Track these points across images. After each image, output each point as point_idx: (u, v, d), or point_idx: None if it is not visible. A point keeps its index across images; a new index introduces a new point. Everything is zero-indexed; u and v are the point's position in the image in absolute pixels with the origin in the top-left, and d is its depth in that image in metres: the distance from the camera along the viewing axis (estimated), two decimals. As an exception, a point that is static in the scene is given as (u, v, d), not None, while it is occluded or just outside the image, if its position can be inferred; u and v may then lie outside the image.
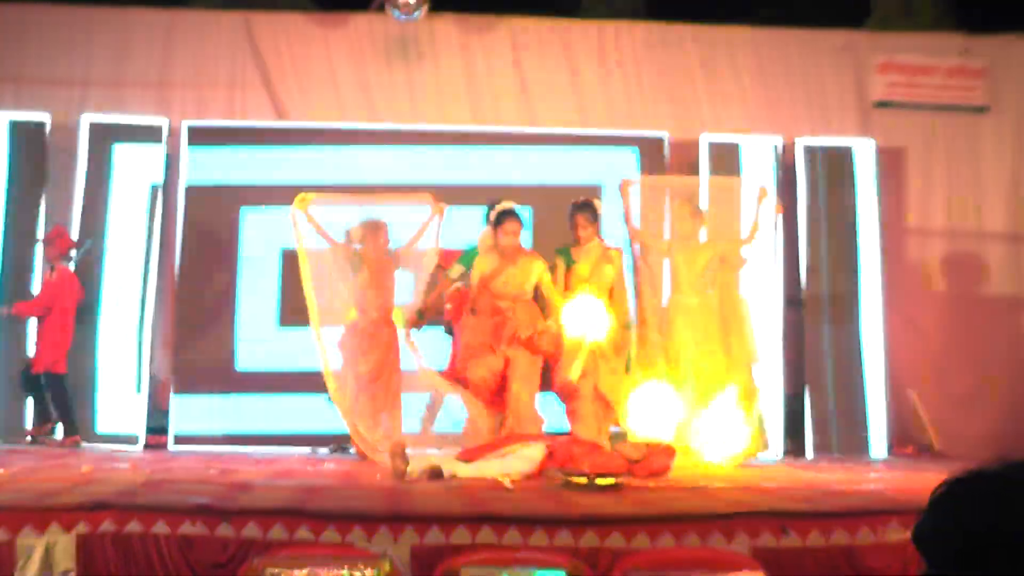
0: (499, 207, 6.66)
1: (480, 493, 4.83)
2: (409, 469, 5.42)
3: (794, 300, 8.02)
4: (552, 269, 6.76)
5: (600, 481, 5.05)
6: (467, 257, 6.91)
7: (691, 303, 6.76)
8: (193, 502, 4.23)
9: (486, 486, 5.12)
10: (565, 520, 4.12)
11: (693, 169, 8.08)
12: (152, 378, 7.84)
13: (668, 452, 5.74)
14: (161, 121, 8.06)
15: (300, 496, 4.58)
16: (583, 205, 6.81)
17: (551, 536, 4.04)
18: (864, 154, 8.27)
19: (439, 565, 3.86)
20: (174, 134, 8.03)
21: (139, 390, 7.81)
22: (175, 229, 7.95)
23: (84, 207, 7.85)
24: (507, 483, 5.20)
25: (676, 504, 4.54)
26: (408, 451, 5.50)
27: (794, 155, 8.21)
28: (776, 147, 8.23)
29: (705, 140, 8.25)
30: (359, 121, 8.25)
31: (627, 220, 6.87)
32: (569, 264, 6.78)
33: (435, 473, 5.41)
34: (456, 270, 6.89)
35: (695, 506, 4.48)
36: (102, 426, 7.73)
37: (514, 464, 5.44)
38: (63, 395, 7.45)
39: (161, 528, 4.08)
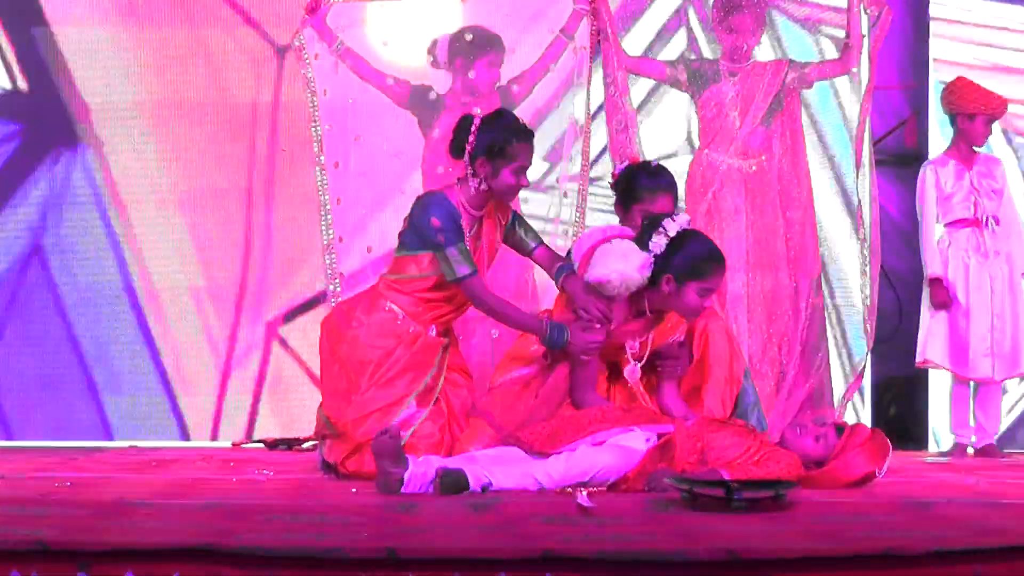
0: None
1: (534, 517, 4.37)
2: (407, 475, 4.82)
3: None
4: None
5: (748, 494, 4.43)
6: None
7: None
8: (24, 537, 3.74)
9: (546, 505, 4.66)
10: (687, 562, 3.63)
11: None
12: None
13: (876, 446, 5.09)
14: None
15: (217, 525, 4.10)
16: None
17: (663, 592, 3.56)
18: None
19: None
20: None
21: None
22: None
23: None
24: (583, 497, 4.58)
25: (887, 534, 4.01)
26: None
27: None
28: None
29: None
30: None
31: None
32: None
33: (454, 481, 4.82)
34: None
35: (921, 539, 3.89)
36: None
37: (598, 460, 4.91)
38: None
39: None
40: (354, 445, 5.38)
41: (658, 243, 5.19)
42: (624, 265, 5.23)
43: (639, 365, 5.42)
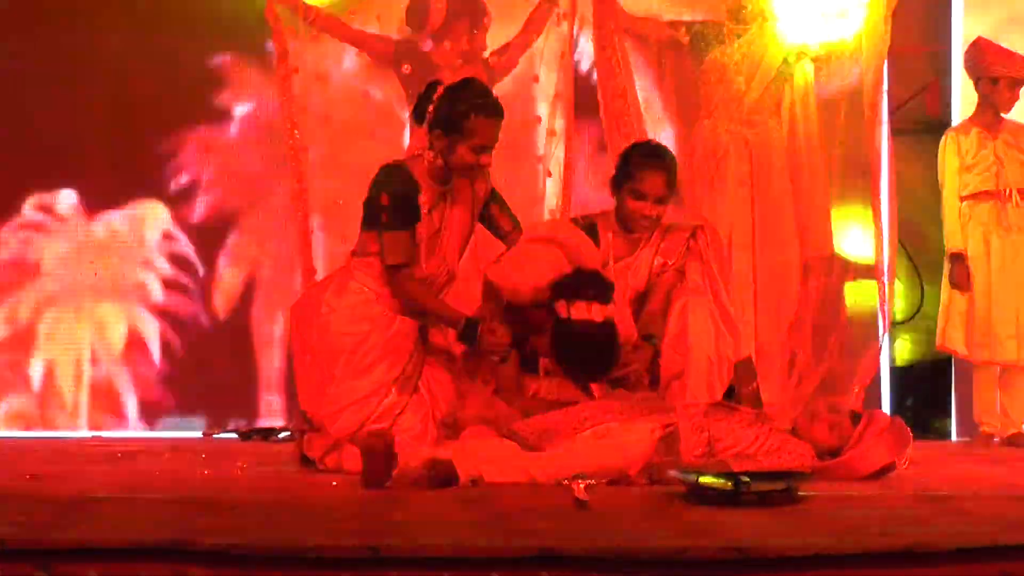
0: None
1: (529, 512, 4.37)
2: (395, 473, 4.86)
3: None
4: None
5: (758, 486, 4.40)
6: None
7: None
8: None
9: (540, 499, 4.65)
10: (694, 561, 3.63)
11: None
12: None
13: (895, 435, 5.08)
14: None
15: (186, 522, 4.07)
16: None
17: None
18: None
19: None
20: None
21: None
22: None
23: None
24: (580, 491, 4.61)
25: (907, 530, 3.94)
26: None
27: None
28: None
29: None
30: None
31: None
32: None
33: (442, 475, 4.83)
34: None
35: (943, 535, 3.83)
36: None
37: (597, 456, 4.94)
38: None
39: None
40: (332, 441, 5.36)
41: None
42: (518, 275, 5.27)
43: (552, 381, 5.42)
